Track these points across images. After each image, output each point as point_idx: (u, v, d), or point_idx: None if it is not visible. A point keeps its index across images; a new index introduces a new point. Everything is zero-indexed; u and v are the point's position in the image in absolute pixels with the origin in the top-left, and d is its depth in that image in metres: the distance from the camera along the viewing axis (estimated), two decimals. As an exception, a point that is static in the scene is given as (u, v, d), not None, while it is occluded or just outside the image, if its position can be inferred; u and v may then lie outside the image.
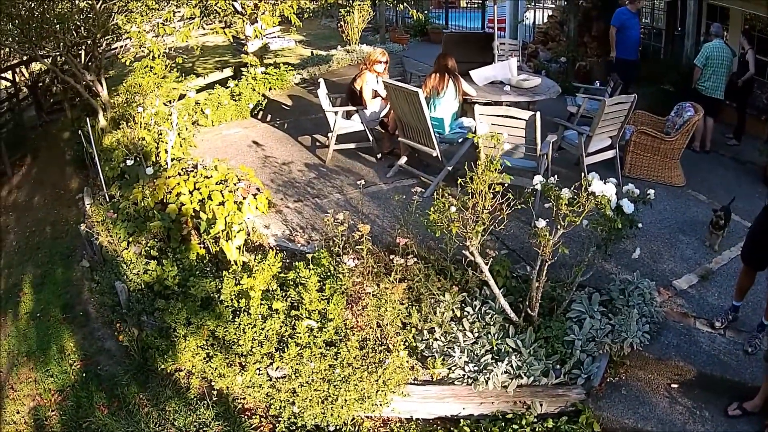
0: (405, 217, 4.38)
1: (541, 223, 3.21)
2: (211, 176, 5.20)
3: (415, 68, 10.84)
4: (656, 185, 5.84)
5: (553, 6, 11.62)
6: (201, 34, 10.18)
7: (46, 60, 7.84)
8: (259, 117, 8.10)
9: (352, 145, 6.17)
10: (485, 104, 6.11)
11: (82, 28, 6.96)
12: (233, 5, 8.61)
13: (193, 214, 4.94)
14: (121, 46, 7.67)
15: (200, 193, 5.01)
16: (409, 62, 11.59)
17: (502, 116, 4.53)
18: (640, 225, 3.91)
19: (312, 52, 12.14)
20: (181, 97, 8.56)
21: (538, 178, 3.40)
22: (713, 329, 3.94)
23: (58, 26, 6.15)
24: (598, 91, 7.50)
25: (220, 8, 6.59)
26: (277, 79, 9.19)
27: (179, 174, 5.37)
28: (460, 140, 5.39)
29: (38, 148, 9.62)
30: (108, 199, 5.73)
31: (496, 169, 3.20)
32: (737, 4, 7.74)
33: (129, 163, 5.49)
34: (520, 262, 4.42)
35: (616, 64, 8.07)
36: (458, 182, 3.39)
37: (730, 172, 6.50)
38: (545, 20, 11.78)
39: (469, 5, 16.43)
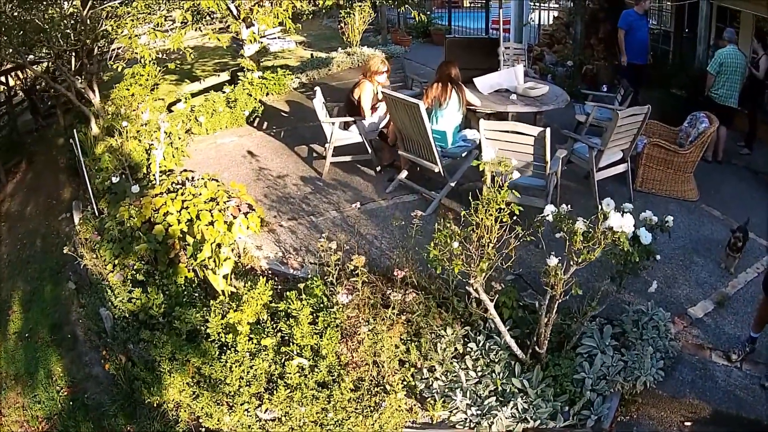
0: (404, 242, 4.12)
1: (553, 261, 2.94)
2: (200, 194, 4.95)
3: (417, 71, 10.58)
4: (669, 200, 5.59)
5: (558, 7, 11.28)
6: (201, 35, 9.92)
7: (35, 67, 7.59)
8: (255, 124, 7.83)
9: (350, 158, 5.91)
10: (490, 115, 5.86)
11: (72, 34, 6.70)
12: (228, 7, 8.35)
13: (181, 236, 4.70)
14: (113, 50, 7.39)
15: (188, 213, 4.76)
16: (411, 65, 11.31)
17: (509, 132, 4.26)
18: (658, 257, 3.64)
19: (312, 54, 11.86)
20: (177, 102, 8.34)
21: (549, 208, 3.13)
22: (729, 362, 3.69)
23: (42, 33, 5.89)
24: (607, 98, 7.22)
25: (213, 10, 6.29)
26: (275, 84, 8.92)
27: (168, 191, 5.13)
28: (463, 154, 5.11)
29: (34, 153, 9.38)
30: (97, 215, 5.49)
31: (503, 200, 2.92)
32: (743, 6, 7.44)
33: (115, 180, 5.24)
34: (527, 289, 4.16)
35: (625, 69, 7.79)
36: (462, 215, 3.11)
37: (743, 183, 6.23)
38: (551, 22, 11.47)
39: (472, 5, 16.09)
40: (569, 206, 3.31)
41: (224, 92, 8.32)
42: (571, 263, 3.01)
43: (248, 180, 5.98)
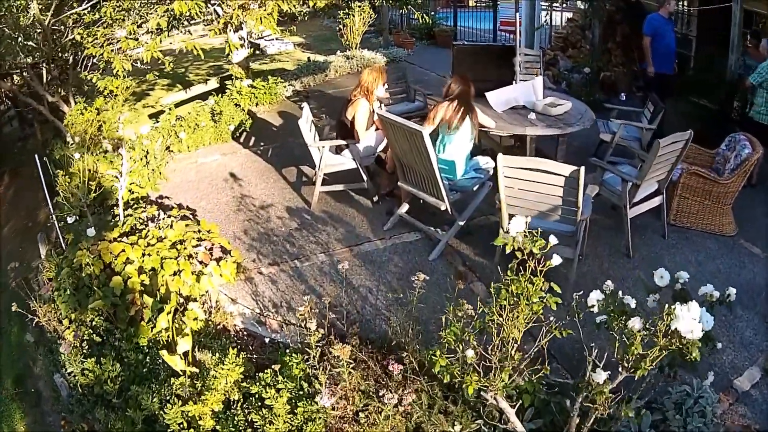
0: (404, 305, 3.38)
1: (600, 376, 2.20)
2: (165, 237, 4.22)
3: (420, 78, 9.83)
4: (705, 235, 4.86)
5: (572, 8, 10.48)
6: (199, 36, 9.17)
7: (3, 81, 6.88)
8: (242, 140, 7.10)
9: (342, 186, 5.16)
10: (508, 141, 5.12)
11: (35, 45, 5.99)
12: (215, 10, 7.61)
13: (143, 289, 3.98)
14: (89, 60, 6.64)
15: (151, 260, 4.04)
16: (414, 70, 10.56)
17: (534, 170, 3.51)
18: (719, 345, 2.90)
19: (308, 57, 11.11)
20: (160, 113, 7.62)
21: (594, 296, 2.38)
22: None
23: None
24: (633, 113, 6.45)
25: (192, 15, 5.55)
26: (265, 93, 8.18)
27: (132, 229, 4.41)
28: (475, 188, 4.37)
29: (19, 164, 8.71)
30: (64, 247, 4.77)
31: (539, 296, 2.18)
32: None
33: (70, 220, 4.52)
34: (553, 362, 3.43)
35: (651, 79, 7.02)
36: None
37: (782, 212, 5.48)
38: (564, 23, 10.68)
39: (478, 4, 15.21)
40: (588, 246, 2.57)
41: (209, 104, 7.59)
42: (620, 370, 2.27)
43: (227, 210, 5.26)
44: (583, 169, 3.35)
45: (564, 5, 10.63)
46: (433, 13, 13.81)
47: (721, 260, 4.49)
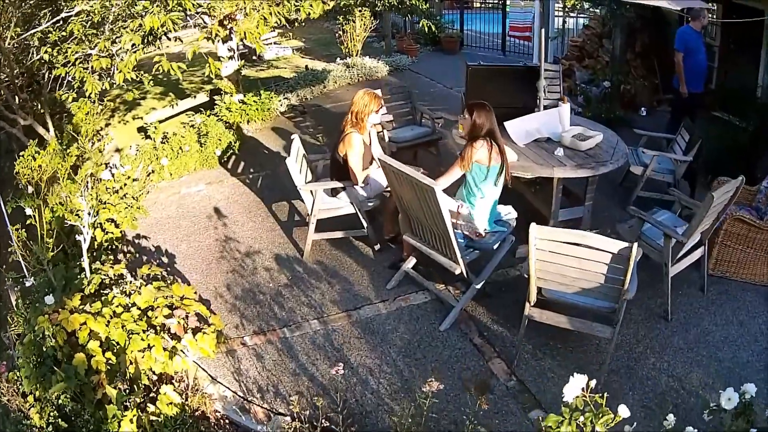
0: (405, 401, 2.75)
1: None
2: (134, 304, 3.59)
3: (426, 89, 9.17)
4: (745, 287, 4.24)
5: (589, 15, 9.79)
6: (194, 41, 8.50)
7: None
8: (230, 165, 6.47)
9: (341, 234, 4.52)
10: (531, 184, 4.44)
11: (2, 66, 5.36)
12: (203, 19, 6.95)
13: (109, 368, 3.36)
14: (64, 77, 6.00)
15: (118, 334, 3.42)
16: (419, 80, 9.91)
17: (575, 245, 2.86)
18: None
19: (306, 66, 10.44)
20: (144, 130, 7.00)
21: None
22: None
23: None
24: (664, 140, 5.81)
25: (167, 29, 4.90)
26: (257, 109, 7.53)
27: (97, 291, 3.80)
28: (495, 246, 3.73)
29: (5, 185, 8.09)
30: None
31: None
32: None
33: (28, 283, 3.89)
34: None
35: (681, 99, 6.36)
36: None
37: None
38: (580, 30, 10.00)
39: (483, 5, 14.44)
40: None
41: (197, 122, 6.96)
42: None
43: (209, 258, 4.63)
44: (635, 246, 2.71)
45: (579, 10, 9.94)
46: (438, 17, 13.09)
47: (763, 318, 3.89)
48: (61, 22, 5.34)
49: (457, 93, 8.82)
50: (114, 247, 4.88)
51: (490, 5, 13.82)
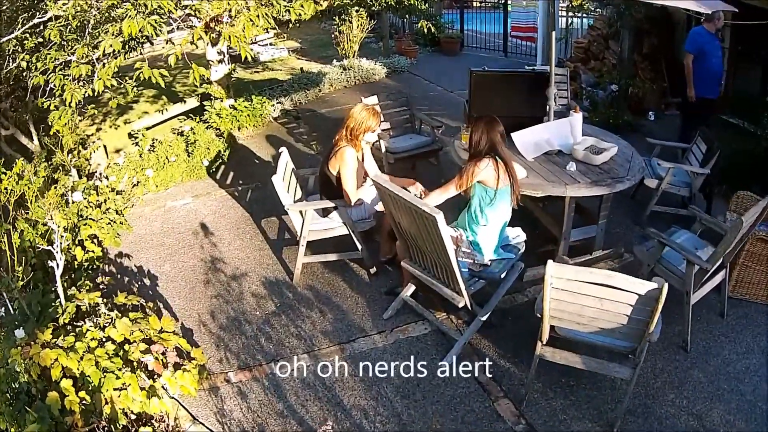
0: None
1: None
2: (108, 338, 3.28)
3: (426, 92, 8.84)
4: (764, 309, 3.94)
5: (595, 15, 9.45)
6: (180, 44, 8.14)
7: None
8: (218, 176, 6.14)
9: (332, 257, 4.19)
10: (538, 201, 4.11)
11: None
12: (191, 20, 6.61)
13: (84, 408, 3.06)
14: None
15: (92, 372, 3.12)
16: (419, 83, 9.59)
17: (597, 285, 2.53)
18: None
19: (301, 69, 10.11)
20: (134, 136, 6.68)
21: None
22: None
23: None
24: (679, 150, 5.49)
25: (148, 35, 4.56)
26: (249, 115, 7.21)
27: (71, 321, 3.49)
28: (503, 274, 3.40)
29: None
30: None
31: None
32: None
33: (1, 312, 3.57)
34: None
35: (692, 104, 6.04)
36: None
37: None
38: (585, 31, 9.66)
39: (483, 4, 14.05)
40: None
41: (185, 130, 6.64)
42: None
43: (194, 280, 4.31)
44: (666, 287, 2.39)
45: (586, 11, 9.60)
46: (438, 17, 12.74)
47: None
48: (41, 27, 5.03)
49: (458, 97, 8.51)
50: (95, 266, 4.57)
51: (490, 4, 13.47)
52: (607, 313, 2.60)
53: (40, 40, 4.87)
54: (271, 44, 12.47)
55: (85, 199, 4.82)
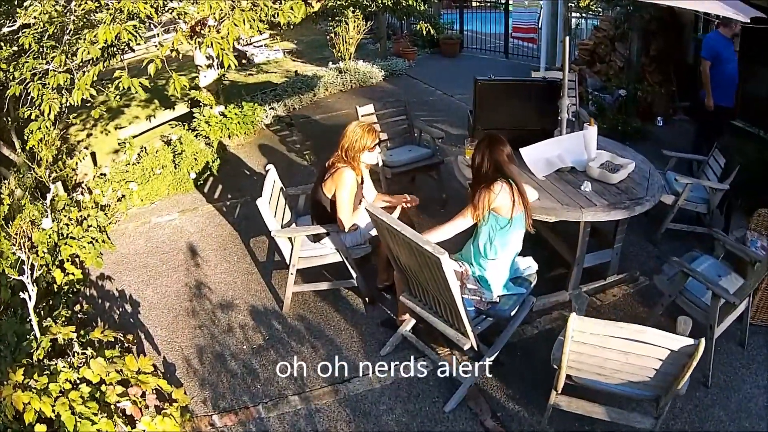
0: None
1: None
2: (83, 379, 3.00)
3: (425, 96, 8.52)
4: None
5: (601, 16, 9.13)
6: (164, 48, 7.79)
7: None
8: (206, 189, 5.83)
9: (324, 285, 3.89)
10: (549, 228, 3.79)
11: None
12: (179, 23, 6.29)
13: None
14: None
15: (65, 417, 2.84)
16: (417, 86, 9.28)
17: (624, 339, 2.23)
18: None
19: (296, 71, 9.79)
20: (122, 143, 6.36)
21: None
22: None
23: None
24: (695, 163, 5.19)
25: (128, 40, 4.26)
26: (240, 122, 6.89)
27: (47, 355, 3.22)
28: (513, 312, 3.09)
29: None
30: None
31: None
32: None
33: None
34: None
35: (705, 112, 5.73)
36: None
37: None
38: (590, 32, 9.34)
39: (483, 4, 13.72)
40: None
41: (173, 139, 6.33)
42: None
43: (178, 308, 4.01)
44: (703, 343, 2.09)
45: (593, 12, 9.28)
46: (438, 16, 12.39)
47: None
48: (19, 35, 4.72)
49: (458, 101, 8.20)
50: (75, 290, 4.28)
51: (490, 4, 13.14)
52: (632, 366, 2.31)
53: (15, 48, 4.56)
54: (266, 46, 12.16)
55: (58, 221, 4.51)
